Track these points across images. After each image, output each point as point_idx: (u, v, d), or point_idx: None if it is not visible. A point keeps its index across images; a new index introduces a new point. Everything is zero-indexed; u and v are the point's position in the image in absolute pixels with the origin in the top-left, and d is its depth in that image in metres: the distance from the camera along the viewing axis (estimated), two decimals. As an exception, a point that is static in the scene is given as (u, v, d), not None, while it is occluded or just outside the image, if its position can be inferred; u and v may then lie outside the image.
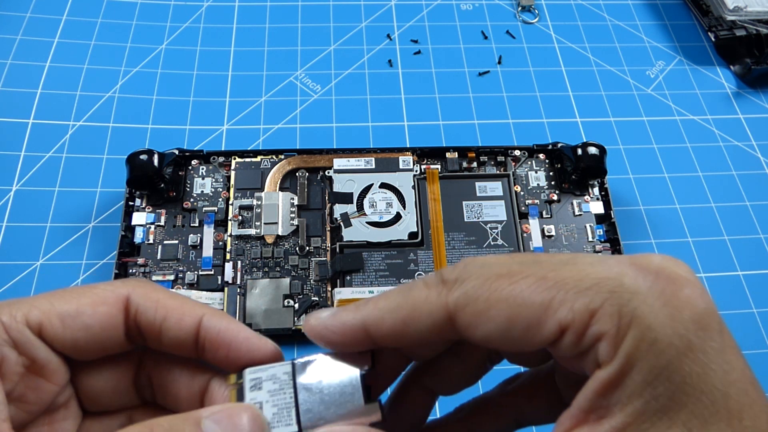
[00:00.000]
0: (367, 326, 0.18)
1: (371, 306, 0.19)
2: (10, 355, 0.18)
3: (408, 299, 0.18)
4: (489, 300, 0.17)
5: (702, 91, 0.53)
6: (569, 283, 0.16)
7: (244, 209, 0.42)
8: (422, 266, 0.40)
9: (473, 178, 0.43)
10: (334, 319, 0.19)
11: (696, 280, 0.17)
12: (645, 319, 0.16)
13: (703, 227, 0.45)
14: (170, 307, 0.20)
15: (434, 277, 0.18)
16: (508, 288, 0.17)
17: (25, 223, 0.42)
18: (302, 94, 0.50)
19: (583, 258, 0.17)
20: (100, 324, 0.19)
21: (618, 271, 0.16)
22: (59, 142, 0.46)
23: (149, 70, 0.51)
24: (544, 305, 0.16)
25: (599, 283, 0.16)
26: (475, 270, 0.17)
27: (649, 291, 0.16)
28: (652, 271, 0.16)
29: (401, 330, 0.18)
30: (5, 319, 0.18)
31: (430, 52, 0.54)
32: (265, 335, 0.39)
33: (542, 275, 0.17)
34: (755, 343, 0.40)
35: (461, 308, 0.17)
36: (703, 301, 0.16)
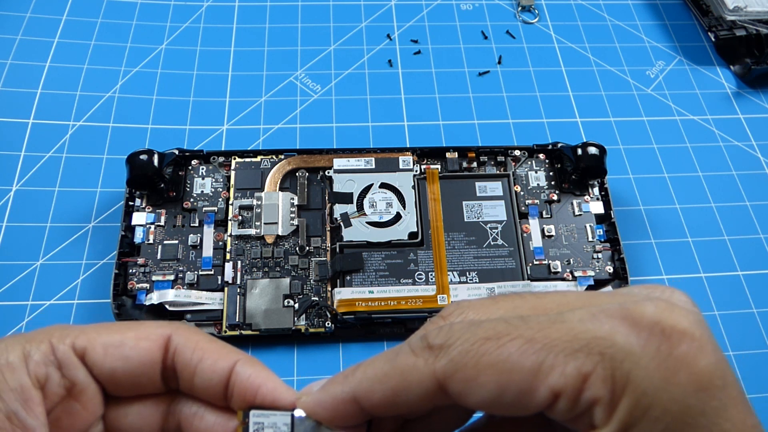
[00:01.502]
0: (358, 398, 0.18)
1: (360, 375, 0.18)
2: (54, 376, 0.19)
3: (395, 368, 0.17)
4: (477, 366, 0.16)
5: (702, 91, 0.53)
6: (558, 344, 0.16)
7: (244, 209, 0.42)
8: (422, 266, 0.40)
9: (473, 178, 0.43)
10: (324, 394, 0.19)
11: (696, 328, 0.15)
12: (639, 384, 0.15)
13: (703, 227, 0.45)
14: (208, 350, 0.20)
15: (419, 341, 0.17)
16: (496, 352, 0.16)
17: (25, 223, 0.42)
18: (302, 94, 0.50)
19: (572, 314, 0.16)
20: (140, 357, 0.20)
21: (609, 328, 0.16)
22: (59, 142, 0.46)
23: (149, 70, 0.51)
24: (534, 370, 0.16)
25: (590, 344, 0.15)
26: (460, 333, 0.17)
27: (642, 351, 0.15)
28: (646, 326, 0.15)
29: (392, 400, 0.18)
30: (54, 341, 0.19)
31: (430, 52, 0.54)
32: (265, 335, 0.39)
33: (530, 336, 0.16)
34: (755, 343, 0.40)
35: (450, 376, 0.16)
36: (703, 356, 0.15)
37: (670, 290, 0.18)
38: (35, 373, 0.19)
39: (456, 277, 0.40)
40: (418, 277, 0.40)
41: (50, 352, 0.19)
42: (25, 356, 0.19)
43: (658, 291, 0.18)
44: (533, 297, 0.18)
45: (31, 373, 0.19)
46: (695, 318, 0.16)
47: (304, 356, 0.39)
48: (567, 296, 0.18)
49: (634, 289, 0.18)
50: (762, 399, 0.38)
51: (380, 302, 0.38)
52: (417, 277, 0.40)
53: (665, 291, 0.18)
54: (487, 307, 0.18)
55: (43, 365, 0.19)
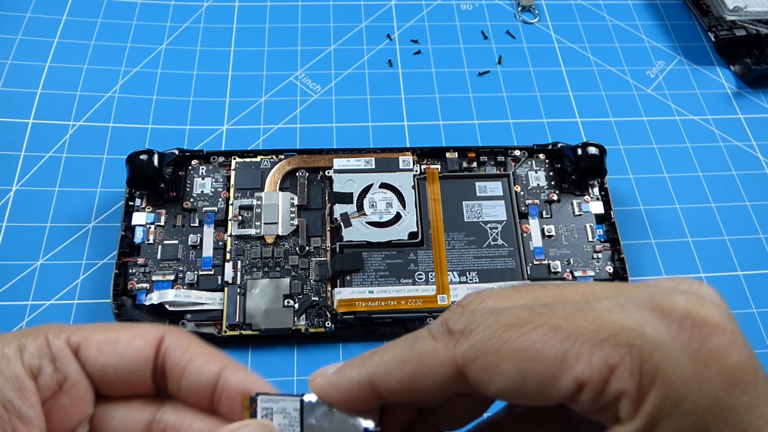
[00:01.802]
0: (374, 382, 0.18)
1: (377, 360, 0.18)
2: (47, 369, 0.19)
3: (414, 352, 0.17)
4: (499, 353, 0.16)
5: (702, 91, 0.53)
6: (585, 333, 0.15)
7: (244, 209, 0.42)
8: (422, 266, 0.40)
9: (473, 178, 0.43)
10: (340, 377, 0.19)
11: (727, 322, 0.15)
12: (669, 377, 0.14)
13: (703, 227, 0.45)
14: (198, 352, 0.21)
15: (440, 326, 0.17)
16: (519, 339, 0.16)
17: (25, 223, 0.42)
18: (302, 94, 0.50)
19: (599, 303, 0.16)
20: (132, 355, 0.20)
21: (638, 318, 0.15)
22: (59, 142, 0.46)
23: (149, 70, 0.51)
24: (559, 359, 0.15)
25: (617, 334, 0.15)
26: (482, 319, 0.16)
27: (673, 343, 0.15)
28: (676, 318, 0.15)
29: (409, 385, 0.17)
30: (50, 336, 0.20)
31: (430, 52, 0.54)
32: (265, 335, 0.39)
33: (555, 324, 0.15)
34: (755, 343, 0.40)
35: (470, 362, 0.16)
36: (735, 350, 0.15)
37: (698, 284, 0.17)
38: (29, 363, 0.19)
39: (456, 277, 0.40)
40: (418, 277, 0.40)
41: (45, 345, 0.20)
42: (21, 348, 0.19)
43: (685, 284, 0.17)
44: (556, 287, 0.18)
45: (25, 364, 0.19)
46: (726, 312, 0.15)
47: (304, 356, 0.39)
48: (592, 287, 0.17)
49: (662, 281, 0.18)
50: (762, 399, 0.38)
51: (380, 302, 0.38)
52: (417, 277, 0.40)
53: (693, 284, 0.17)
54: (508, 297, 0.18)
55: (37, 357, 0.19)
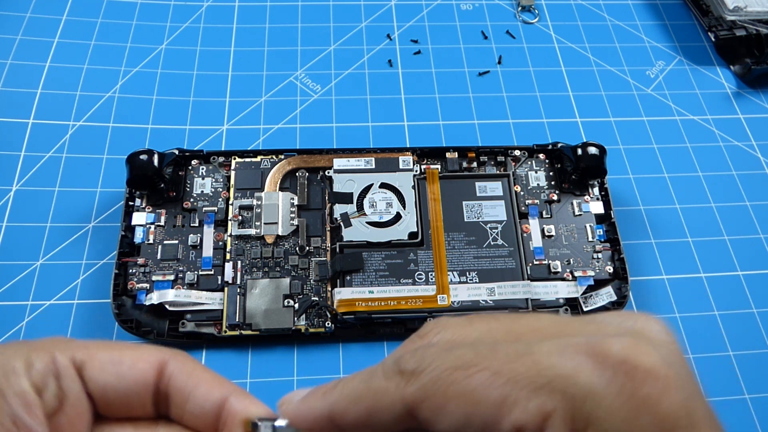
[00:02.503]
0: (333, 416, 0.18)
1: (336, 394, 0.19)
2: (51, 386, 0.19)
3: (369, 389, 0.18)
4: (446, 395, 0.16)
5: (702, 91, 0.53)
6: (523, 380, 0.15)
7: (244, 209, 0.42)
8: (422, 266, 0.40)
9: (473, 178, 0.43)
10: (303, 407, 0.19)
11: (661, 367, 0.15)
12: (601, 425, 0.15)
13: (703, 227, 0.45)
14: (203, 378, 0.21)
15: (392, 365, 0.18)
16: (464, 383, 0.16)
17: (25, 223, 0.42)
18: (302, 94, 0.50)
19: (539, 347, 0.16)
20: (134, 377, 0.20)
21: (574, 365, 0.15)
22: (59, 142, 0.46)
23: (149, 70, 0.51)
24: (499, 404, 0.16)
25: (553, 381, 0.15)
26: (432, 360, 0.17)
27: (605, 390, 0.15)
28: (610, 364, 0.15)
29: (366, 421, 0.18)
30: (57, 353, 0.20)
31: (430, 52, 0.54)
32: (265, 335, 0.39)
33: (497, 369, 0.16)
34: (755, 343, 0.40)
35: (419, 403, 0.17)
36: (668, 396, 0.15)
37: (644, 319, 0.18)
38: (35, 380, 0.19)
39: (456, 277, 0.40)
40: (418, 277, 0.40)
41: (51, 362, 0.20)
42: (28, 364, 0.19)
43: (632, 320, 0.18)
44: (508, 320, 0.18)
45: (32, 380, 0.19)
46: (663, 355, 0.16)
47: (304, 356, 0.39)
48: (541, 320, 0.18)
49: (608, 317, 0.18)
50: (762, 399, 0.38)
51: (380, 302, 0.38)
52: (417, 277, 0.40)
53: (638, 320, 0.18)
54: (463, 328, 0.18)
55: (43, 374, 0.19)
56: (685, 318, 0.41)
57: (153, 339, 0.38)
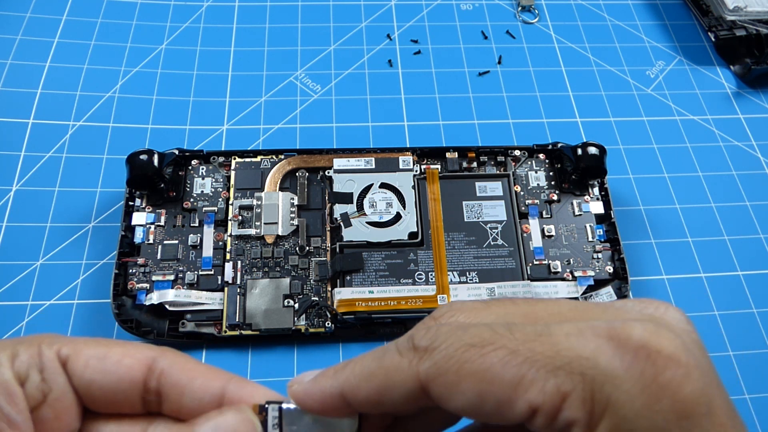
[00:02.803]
0: (344, 394, 0.18)
1: (348, 372, 0.18)
2: (34, 378, 0.19)
3: (381, 367, 0.18)
4: (459, 373, 0.16)
5: (702, 91, 0.53)
6: (541, 359, 0.15)
7: (244, 209, 0.42)
8: (422, 266, 0.40)
9: (473, 178, 0.43)
10: (314, 386, 0.19)
11: (682, 353, 0.15)
12: (620, 408, 0.15)
13: (703, 227, 0.45)
14: (197, 371, 0.21)
15: (406, 342, 0.17)
16: (479, 361, 0.16)
17: (25, 223, 0.42)
18: (302, 94, 0.50)
19: (559, 327, 0.16)
20: (119, 374, 0.20)
21: (594, 348, 0.15)
22: (59, 142, 0.46)
23: (149, 70, 0.51)
24: (514, 383, 0.15)
25: (572, 363, 0.15)
26: (446, 337, 0.17)
27: (626, 374, 0.15)
28: (631, 348, 0.15)
29: (377, 398, 0.18)
30: (43, 346, 0.20)
31: (430, 52, 0.54)
32: (265, 335, 0.39)
33: (514, 348, 0.16)
34: (755, 343, 0.40)
35: (432, 380, 0.16)
36: (688, 383, 0.15)
37: (665, 307, 0.18)
38: (18, 370, 0.19)
39: (456, 277, 0.40)
40: (418, 277, 0.40)
41: (36, 354, 0.20)
42: (13, 356, 0.19)
43: (652, 307, 0.17)
44: (525, 304, 0.18)
45: (14, 370, 0.19)
46: (684, 341, 0.16)
47: (304, 356, 0.39)
48: (560, 305, 0.18)
49: (629, 303, 0.18)
50: (762, 399, 0.38)
51: (380, 302, 0.38)
52: (417, 277, 0.40)
53: (659, 307, 0.17)
54: (478, 311, 0.18)
55: (26, 365, 0.19)
56: (685, 318, 0.41)
57: (153, 339, 0.38)
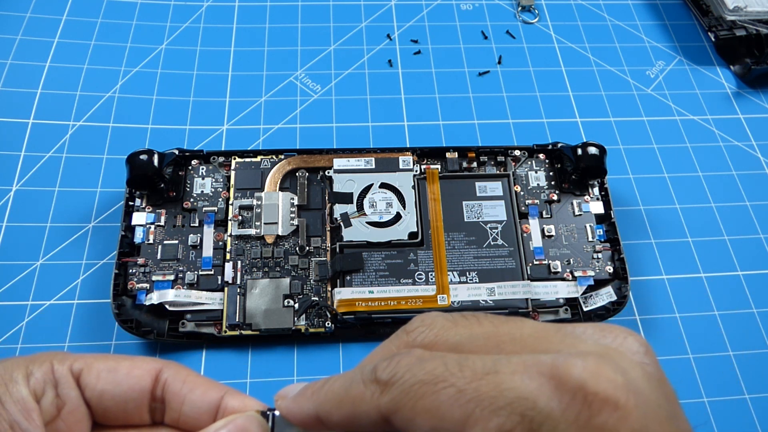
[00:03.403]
0: (319, 417, 0.19)
1: (322, 396, 0.19)
2: (49, 394, 0.21)
3: (348, 395, 0.18)
4: (414, 409, 0.17)
5: (702, 91, 0.53)
6: (485, 399, 0.16)
7: (244, 209, 0.42)
8: (422, 266, 0.40)
9: (473, 178, 0.43)
10: (294, 405, 0.20)
11: (621, 395, 0.15)
12: None
13: (703, 227, 0.45)
14: (197, 382, 0.22)
15: (370, 374, 0.18)
16: (431, 398, 0.17)
17: (25, 223, 0.42)
18: (302, 94, 0.50)
19: (507, 365, 0.16)
20: (130, 384, 0.21)
21: (534, 387, 0.16)
22: (59, 142, 0.46)
23: (149, 70, 0.51)
24: (462, 421, 0.16)
25: (513, 403, 0.16)
26: (405, 371, 0.17)
27: (562, 416, 0.15)
28: (569, 389, 0.15)
29: (348, 423, 0.19)
30: (55, 363, 0.21)
31: (430, 52, 0.54)
32: (265, 335, 0.39)
33: (462, 387, 0.16)
34: (755, 343, 0.40)
35: (392, 413, 0.17)
36: (624, 425, 0.15)
37: (623, 336, 0.18)
38: (34, 387, 0.20)
39: (456, 277, 0.40)
40: (418, 277, 0.40)
41: (50, 371, 0.21)
42: (28, 374, 0.20)
43: (611, 336, 0.18)
44: (491, 324, 0.19)
45: (30, 388, 0.20)
46: (628, 379, 0.16)
47: (304, 356, 0.39)
48: (522, 329, 0.18)
49: (589, 329, 0.18)
50: (762, 399, 0.38)
51: (380, 302, 0.38)
52: (417, 277, 0.40)
53: (618, 336, 0.18)
54: (446, 330, 0.19)
55: (42, 382, 0.20)
56: (685, 318, 0.41)
57: (153, 339, 0.38)
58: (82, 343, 0.38)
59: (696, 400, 0.38)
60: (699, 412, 0.38)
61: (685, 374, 0.39)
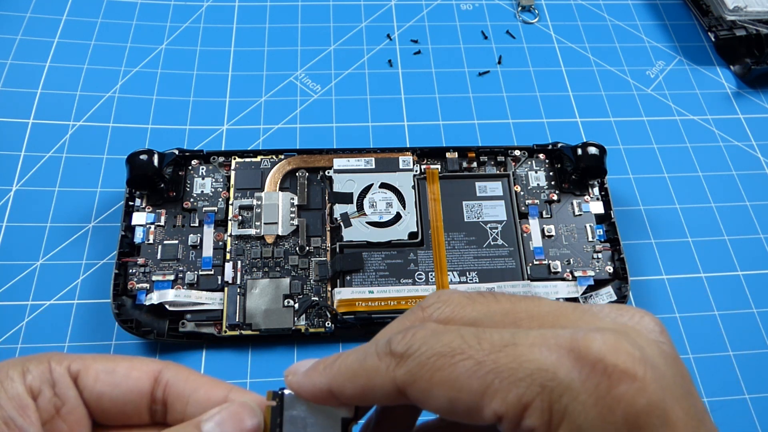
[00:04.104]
0: (332, 391, 0.19)
1: (335, 370, 0.19)
2: (47, 393, 0.20)
3: (363, 368, 0.18)
4: (431, 381, 0.17)
5: (702, 91, 0.53)
6: (504, 371, 0.16)
7: (244, 209, 0.42)
8: (422, 266, 0.40)
9: (473, 178, 0.43)
10: (306, 380, 0.20)
11: (638, 368, 0.16)
12: (576, 418, 0.15)
13: (703, 227, 0.45)
14: (200, 381, 0.22)
15: (384, 346, 0.18)
16: (448, 370, 0.17)
17: (25, 223, 0.42)
18: (302, 94, 0.50)
19: (525, 337, 0.17)
20: (128, 386, 0.21)
21: (554, 360, 0.16)
22: (59, 142, 0.46)
23: (149, 70, 0.51)
24: (481, 392, 0.16)
25: (533, 374, 0.16)
26: (420, 344, 0.18)
27: (582, 387, 0.15)
28: (589, 361, 0.16)
29: (362, 396, 0.19)
30: (53, 363, 0.21)
31: (430, 52, 0.54)
32: (265, 335, 0.39)
33: (480, 359, 0.16)
34: (755, 343, 0.40)
35: (408, 385, 0.17)
36: (642, 396, 0.15)
37: (640, 315, 0.18)
38: (30, 385, 0.20)
39: (456, 277, 0.40)
40: (418, 277, 0.40)
41: (47, 370, 0.21)
42: (24, 371, 0.20)
43: (628, 315, 0.18)
44: (508, 302, 0.19)
45: (26, 385, 0.20)
46: (646, 354, 0.16)
47: (304, 356, 0.39)
48: (540, 306, 0.18)
49: (606, 308, 0.18)
50: (762, 399, 0.38)
51: (380, 302, 0.38)
52: (417, 277, 0.40)
53: (635, 315, 0.18)
54: (463, 307, 0.19)
55: (38, 380, 0.20)
56: (685, 318, 0.41)
57: (153, 339, 0.38)
58: (82, 343, 0.38)
59: (696, 400, 0.38)
60: (699, 412, 0.38)
61: (685, 374, 0.39)
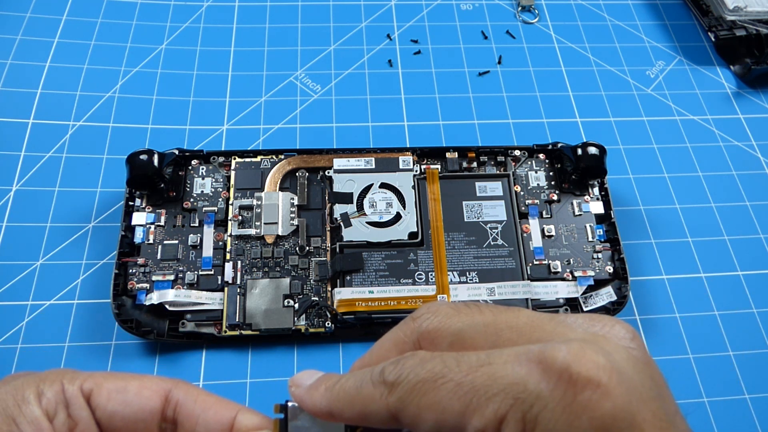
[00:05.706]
0: (332, 413, 0.20)
1: (335, 394, 0.20)
2: (61, 415, 0.21)
3: (360, 395, 0.20)
4: (419, 406, 0.18)
5: (702, 91, 0.53)
6: (481, 389, 0.17)
7: (244, 209, 0.42)
8: (422, 266, 0.40)
9: (473, 178, 0.43)
10: (308, 397, 0.21)
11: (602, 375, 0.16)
12: (546, 426, 0.16)
13: (703, 227, 0.45)
14: (210, 402, 0.23)
15: (378, 375, 0.19)
16: (432, 393, 0.18)
17: (25, 223, 0.42)
18: (302, 94, 0.50)
19: (499, 356, 0.18)
20: (140, 404, 0.22)
21: (524, 373, 0.17)
22: (59, 142, 0.46)
23: (149, 70, 0.51)
24: (461, 412, 0.17)
25: (506, 389, 0.17)
26: (408, 372, 0.19)
27: (550, 396, 0.16)
28: (555, 371, 0.17)
29: (360, 420, 0.20)
30: (65, 382, 0.21)
31: (430, 52, 0.54)
32: (265, 335, 0.39)
33: (459, 380, 0.18)
34: (755, 343, 0.40)
35: (400, 411, 0.19)
36: (606, 401, 0.16)
37: (611, 324, 0.19)
38: (46, 407, 0.21)
39: (456, 277, 0.40)
40: (418, 277, 0.40)
41: (61, 391, 0.21)
42: (39, 393, 0.21)
43: (599, 324, 0.19)
44: (491, 313, 0.20)
45: (42, 408, 0.21)
46: (611, 360, 0.17)
47: (304, 356, 0.39)
48: (519, 318, 0.19)
49: (579, 319, 0.19)
50: (762, 399, 0.38)
51: (380, 302, 0.38)
52: (417, 277, 0.40)
53: (606, 325, 0.19)
54: (450, 317, 0.20)
55: (53, 402, 0.21)
56: (685, 318, 0.41)
57: (153, 339, 0.38)
58: (82, 343, 0.38)
59: (696, 400, 0.38)
60: (699, 412, 0.38)
61: (685, 374, 0.39)
